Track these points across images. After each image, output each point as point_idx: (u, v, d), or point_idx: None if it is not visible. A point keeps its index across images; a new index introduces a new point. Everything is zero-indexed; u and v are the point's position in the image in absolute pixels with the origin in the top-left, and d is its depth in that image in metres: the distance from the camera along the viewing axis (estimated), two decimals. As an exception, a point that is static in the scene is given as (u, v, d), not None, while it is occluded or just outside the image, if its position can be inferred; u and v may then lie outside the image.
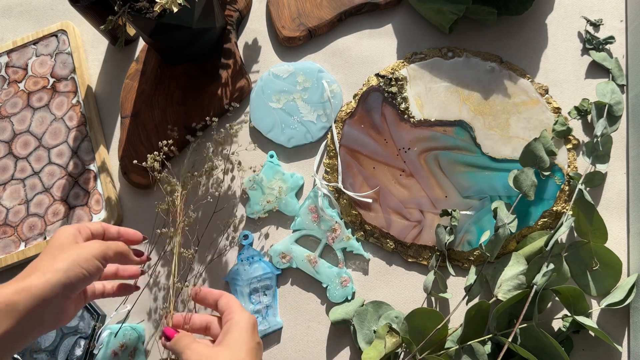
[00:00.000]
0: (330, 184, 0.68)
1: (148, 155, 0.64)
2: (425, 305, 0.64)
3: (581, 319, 0.56)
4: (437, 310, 0.61)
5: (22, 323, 0.44)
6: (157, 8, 0.60)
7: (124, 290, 0.58)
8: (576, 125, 0.68)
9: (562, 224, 0.59)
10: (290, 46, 0.76)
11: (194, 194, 0.69)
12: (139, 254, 0.56)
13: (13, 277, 0.71)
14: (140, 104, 0.73)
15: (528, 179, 0.62)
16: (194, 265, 0.68)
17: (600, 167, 0.64)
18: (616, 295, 0.58)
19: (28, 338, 0.46)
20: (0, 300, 0.43)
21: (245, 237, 0.68)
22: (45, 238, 0.70)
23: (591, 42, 0.70)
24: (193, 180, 0.65)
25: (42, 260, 0.48)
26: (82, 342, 0.65)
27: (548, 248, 0.58)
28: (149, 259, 0.57)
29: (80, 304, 0.53)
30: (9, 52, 0.78)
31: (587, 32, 0.71)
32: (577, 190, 0.62)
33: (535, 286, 0.56)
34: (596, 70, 0.70)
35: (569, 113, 0.68)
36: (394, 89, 0.70)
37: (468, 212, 0.65)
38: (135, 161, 0.67)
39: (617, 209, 0.65)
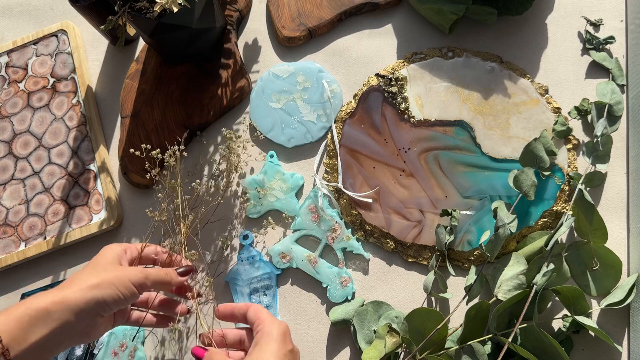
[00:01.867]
0: (330, 184, 0.68)
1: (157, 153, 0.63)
2: (425, 305, 0.64)
3: (581, 319, 0.56)
4: (437, 310, 0.61)
5: (54, 332, 0.45)
6: (157, 8, 0.60)
7: (160, 323, 0.58)
8: (576, 125, 0.68)
9: (562, 224, 0.59)
10: (290, 46, 0.76)
11: (193, 193, 0.69)
12: (185, 272, 0.56)
13: (10, 276, 0.72)
14: (140, 104, 0.73)
15: (528, 179, 0.62)
16: (198, 266, 0.68)
17: (600, 167, 0.64)
18: (616, 295, 0.58)
19: (58, 348, 0.47)
20: (37, 308, 0.45)
21: (245, 237, 0.68)
22: (45, 238, 0.70)
23: (591, 42, 0.70)
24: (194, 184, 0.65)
25: (83, 274, 0.49)
26: (82, 342, 0.65)
27: (548, 248, 0.58)
28: (194, 273, 0.57)
29: (110, 325, 0.53)
30: (9, 52, 0.78)
31: (587, 32, 0.71)
32: (577, 190, 0.62)
33: (535, 286, 0.56)
34: (596, 70, 0.70)
35: (569, 113, 0.68)
36: (394, 89, 0.70)
37: (468, 212, 0.65)
38: (142, 151, 0.64)
39: (617, 209, 0.65)
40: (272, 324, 0.51)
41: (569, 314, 0.58)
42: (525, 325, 0.56)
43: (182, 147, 0.64)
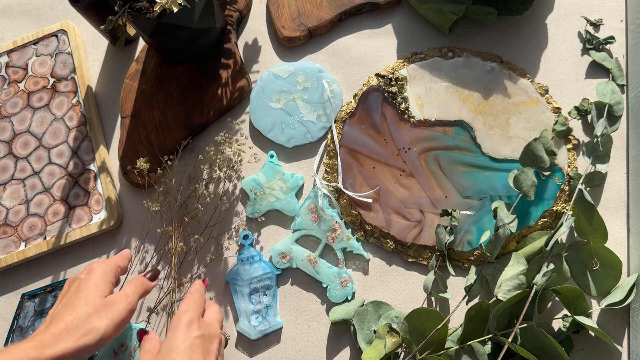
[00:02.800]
0: (330, 184, 0.68)
1: (140, 160, 0.65)
2: (425, 305, 0.64)
3: (581, 319, 0.56)
4: (437, 310, 0.61)
5: None
6: (157, 8, 0.60)
7: None
8: (576, 125, 0.68)
9: (562, 224, 0.59)
10: (290, 46, 0.76)
11: (194, 194, 0.69)
12: (154, 276, 0.60)
13: (10, 276, 0.71)
14: (140, 104, 0.73)
15: (528, 179, 0.62)
16: (194, 259, 0.68)
17: (600, 167, 0.64)
18: (616, 295, 0.58)
19: None
20: None
21: (245, 237, 0.68)
22: (45, 238, 0.70)
23: (591, 42, 0.70)
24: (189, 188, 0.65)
25: (78, 315, 0.50)
26: (82, 342, 0.65)
27: (548, 248, 0.58)
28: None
29: None
30: (9, 52, 0.78)
31: (587, 32, 0.71)
32: (577, 190, 0.62)
33: (535, 286, 0.56)
34: (596, 70, 0.70)
35: (569, 113, 0.68)
36: (394, 89, 0.70)
37: (468, 212, 0.65)
38: (129, 167, 0.70)
39: (617, 209, 0.65)
40: (177, 316, 0.54)
41: (569, 314, 0.58)
42: (525, 325, 0.56)
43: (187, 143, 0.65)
